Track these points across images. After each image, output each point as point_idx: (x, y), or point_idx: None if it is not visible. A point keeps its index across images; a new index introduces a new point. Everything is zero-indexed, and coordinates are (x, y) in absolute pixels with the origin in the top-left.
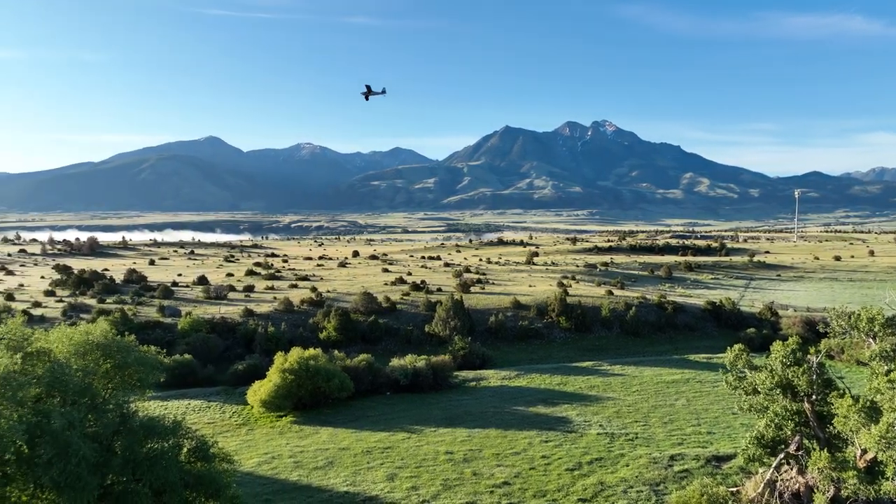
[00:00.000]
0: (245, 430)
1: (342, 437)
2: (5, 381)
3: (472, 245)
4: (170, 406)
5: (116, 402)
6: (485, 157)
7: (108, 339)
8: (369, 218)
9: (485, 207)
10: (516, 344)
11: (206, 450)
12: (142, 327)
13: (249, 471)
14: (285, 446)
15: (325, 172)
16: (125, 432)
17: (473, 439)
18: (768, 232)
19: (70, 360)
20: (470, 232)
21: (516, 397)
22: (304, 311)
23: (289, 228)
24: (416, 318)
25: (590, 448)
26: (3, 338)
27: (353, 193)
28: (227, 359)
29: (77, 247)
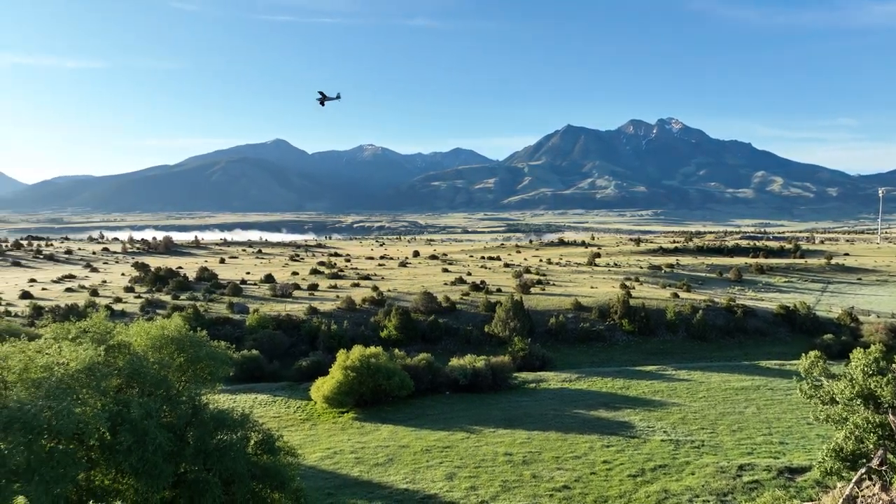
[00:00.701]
0: (308, 426)
1: (402, 435)
2: (91, 371)
3: (533, 245)
4: (238, 399)
5: (189, 395)
6: (546, 156)
7: (182, 334)
8: (429, 218)
9: (545, 208)
10: (577, 346)
11: (271, 443)
12: (212, 323)
13: (312, 465)
14: (347, 442)
15: (386, 173)
16: (197, 423)
17: (533, 441)
18: (848, 233)
19: (147, 353)
20: (530, 232)
21: (577, 400)
22: (366, 309)
23: (351, 228)
24: (476, 318)
25: (653, 454)
26: (89, 331)
27: (414, 194)
28: (291, 355)
29: (154, 245)
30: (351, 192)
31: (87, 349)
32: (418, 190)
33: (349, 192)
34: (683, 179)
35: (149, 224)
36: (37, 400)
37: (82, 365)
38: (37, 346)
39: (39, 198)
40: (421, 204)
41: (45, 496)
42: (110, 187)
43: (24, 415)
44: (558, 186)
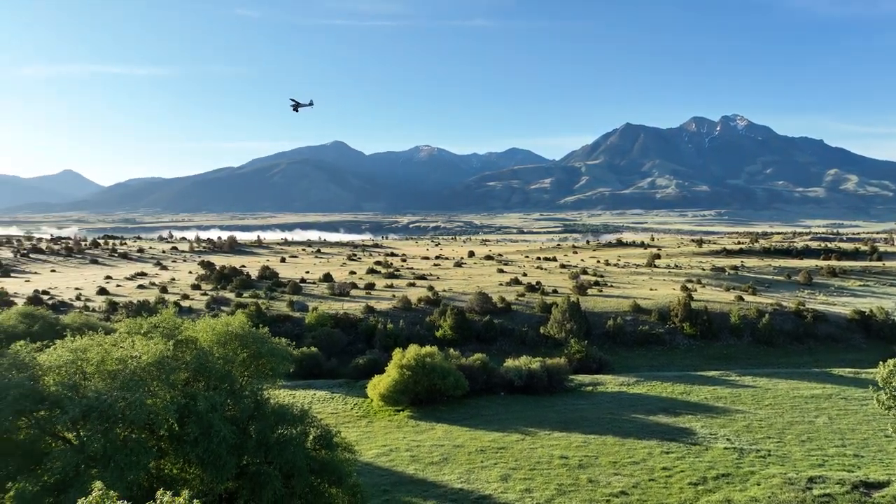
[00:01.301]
0: (365, 422)
1: (457, 435)
2: (161, 364)
3: (590, 246)
4: (297, 395)
5: (251, 389)
6: (603, 155)
7: (245, 330)
8: (485, 218)
9: (603, 208)
10: (635, 349)
11: (329, 438)
12: (273, 320)
13: (368, 461)
14: (402, 440)
15: (442, 173)
16: (259, 417)
17: (589, 445)
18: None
19: (213, 348)
20: (587, 233)
21: (635, 405)
22: (421, 309)
23: (407, 228)
24: (531, 319)
25: (716, 463)
26: (159, 326)
27: (469, 194)
28: (349, 353)
29: (219, 245)
30: (407, 193)
31: (158, 344)
32: (473, 190)
33: (405, 193)
34: (749, 178)
35: (214, 224)
36: (112, 390)
37: (153, 358)
38: (112, 340)
39: (114, 199)
40: (476, 204)
41: (119, 481)
42: (179, 189)
43: (101, 404)
44: (616, 186)
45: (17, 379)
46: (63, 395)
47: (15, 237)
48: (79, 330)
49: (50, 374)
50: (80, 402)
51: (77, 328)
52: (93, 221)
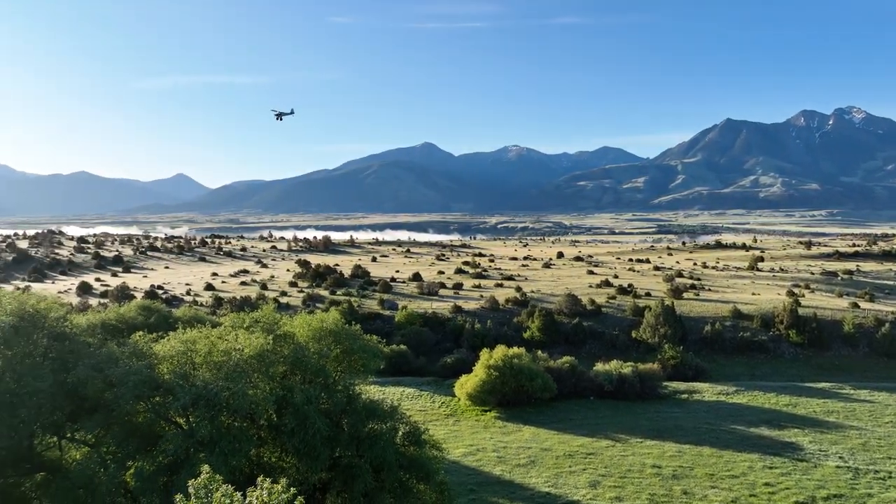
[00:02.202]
0: (452, 421)
1: (544, 438)
2: (261, 357)
3: (686, 248)
4: (387, 392)
5: (344, 384)
6: (701, 153)
7: (339, 327)
8: (575, 219)
9: (700, 208)
10: (735, 357)
11: (418, 435)
12: (365, 318)
13: (455, 460)
14: (489, 440)
15: (531, 174)
16: (351, 412)
17: (684, 455)
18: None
19: (308, 343)
20: (683, 234)
21: (734, 415)
22: (509, 309)
23: (495, 229)
24: (622, 322)
25: (826, 482)
26: (260, 321)
27: (559, 194)
28: (437, 351)
29: (314, 244)
30: (495, 193)
31: (259, 338)
32: (563, 190)
33: (493, 193)
34: (867, 175)
35: (310, 224)
36: (217, 380)
37: (254, 352)
38: (218, 333)
39: (220, 200)
40: (566, 204)
41: (223, 466)
42: (278, 190)
43: (208, 393)
44: (715, 185)
45: (137, 366)
46: (175, 383)
47: (135, 236)
48: (189, 323)
49: (164, 363)
50: (190, 390)
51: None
52: (201, 221)
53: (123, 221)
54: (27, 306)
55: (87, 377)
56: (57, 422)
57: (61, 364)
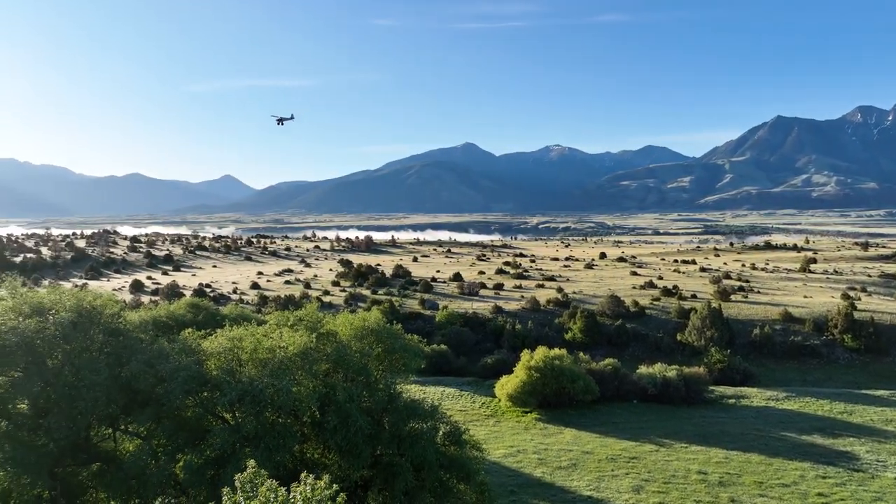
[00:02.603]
0: (492, 422)
1: (586, 441)
2: (305, 355)
3: (734, 249)
4: (427, 391)
5: (385, 383)
6: (750, 151)
7: (380, 326)
8: (617, 219)
9: (749, 207)
10: (785, 362)
11: (458, 435)
12: (406, 317)
13: (496, 461)
14: (530, 442)
15: (573, 173)
16: (392, 410)
17: (731, 462)
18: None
19: (350, 342)
20: (730, 234)
21: (785, 422)
22: (550, 310)
23: (536, 229)
24: (667, 324)
25: (884, 493)
26: (304, 319)
27: (601, 194)
28: (477, 352)
29: (356, 244)
30: (536, 193)
31: (302, 336)
32: (606, 190)
33: (535, 193)
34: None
35: (352, 224)
36: (263, 377)
37: (298, 349)
38: (263, 331)
39: (266, 201)
40: (608, 204)
41: (268, 461)
42: (321, 191)
43: (253, 389)
44: (765, 184)
45: (186, 362)
46: (222, 379)
47: (184, 236)
48: (235, 321)
49: (212, 359)
50: (237, 387)
51: (234, 319)
52: (247, 222)
53: (173, 221)
54: (85, 303)
55: (139, 372)
56: (112, 414)
57: (116, 359)
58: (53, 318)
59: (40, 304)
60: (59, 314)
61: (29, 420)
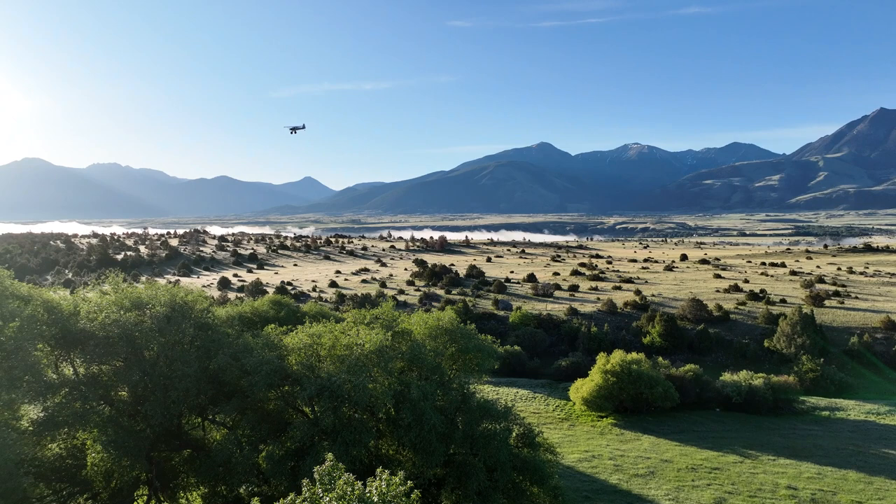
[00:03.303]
0: (567, 426)
1: (665, 448)
2: (380, 353)
3: (828, 251)
4: (500, 392)
5: (459, 382)
6: (848, 147)
7: (454, 326)
8: (700, 219)
9: (846, 207)
10: (888, 373)
11: (532, 437)
12: (479, 317)
13: (570, 465)
14: (605, 447)
15: (652, 172)
16: (465, 410)
17: (825, 478)
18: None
19: (425, 341)
20: (824, 236)
21: (887, 438)
22: (628, 313)
23: (613, 230)
24: (753, 330)
25: None
26: (380, 318)
27: (683, 193)
28: (551, 354)
29: (430, 244)
30: (613, 193)
31: (378, 334)
32: (687, 189)
33: (612, 193)
34: None
35: (427, 224)
36: (340, 373)
37: (374, 347)
38: (341, 328)
39: (344, 202)
40: (690, 204)
41: (345, 455)
42: (397, 192)
43: (331, 385)
44: (864, 182)
45: (269, 357)
46: (302, 374)
47: (267, 236)
48: (315, 318)
49: (293, 354)
50: (316, 382)
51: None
52: (326, 222)
53: (257, 222)
54: (177, 299)
55: (226, 365)
56: (201, 404)
57: (205, 352)
58: (150, 312)
59: (139, 299)
60: (155, 309)
61: (129, 407)
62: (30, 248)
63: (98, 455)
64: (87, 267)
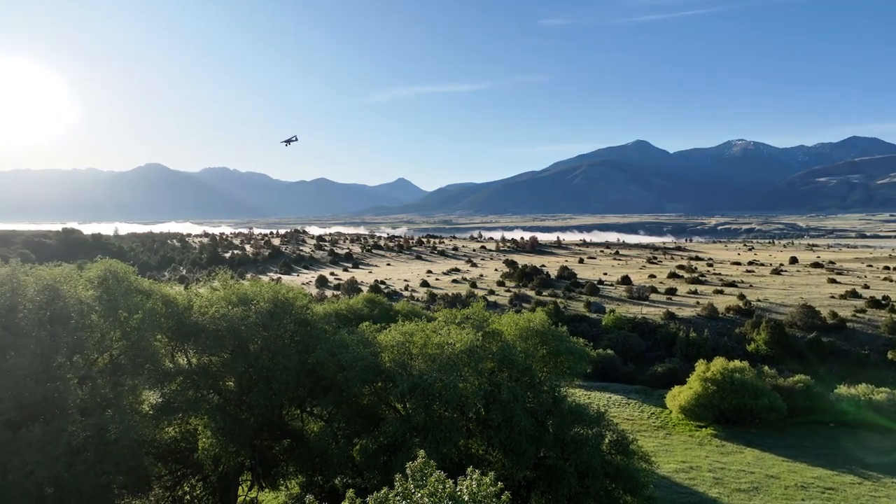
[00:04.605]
0: (662, 434)
1: (770, 463)
2: (471, 353)
3: None
4: (592, 396)
5: (550, 385)
6: None
7: (545, 327)
8: (812, 220)
9: None
10: None
11: (626, 445)
12: (571, 320)
13: (666, 475)
14: (704, 459)
15: (758, 170)
16: (556, 413)
17: None
18: None
19: (515, 342)
20: None
21: None
22: (730, 318)
23: (714, 231)
24: (875, 340)
25: None
26: (470, 318)
27: (792, 192)
28: (646, 359)
29: (521, 245)
30: (715, 192)
31: (469, 334)
32: (798, 187)
33: (713, 192)
34: None
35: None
36: (431, 372)
37: (465, 347)
38: (432, 327)
39: (435, 202)
40: (801, 204)
41: (435, 453)
42: (487, 193)
43: (422, 383)
44: None
45: (363, 353)
46: (395, 371)
47: (362, 236)
48: (407, 316)
49: (386, 352)
50: (408, 379)
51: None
52: (418, 222)
53: (353, 222)
54: (279, 295)
55: (323, 360)
56: (300, 396)
57: (304, 347)
58: (255, 308)
59: (245, 295)
60: (259, 305)
61: (235, 396)
62: (150, 246)
63: (208, 440)
64: (199, 264)
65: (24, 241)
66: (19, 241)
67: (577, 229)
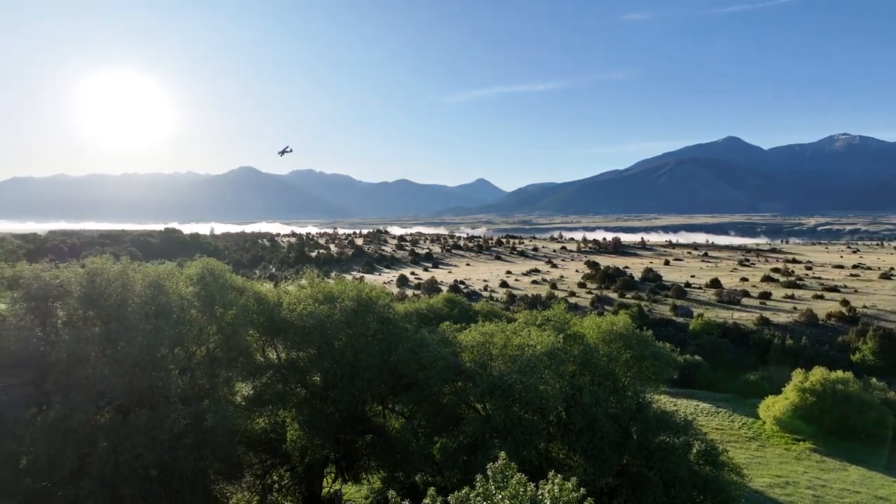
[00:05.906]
0: (755, 446)
1: (879, 484)
2: (552, 355)
3: None
4: (679, 404)
5: (634, 391)
6: None
7: (629, 331)
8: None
9: None
10: None
11: (715, 455)
12: (656, 323)
13: (759, 490)
14: (802, 474)
15: (864, 166)
16: (641, 420)
17: None
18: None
19: (597, 345)
20: None
21: None
22: (831, 326)
23: (814, 232)
24: None
25: None
26: (551, 320)
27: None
28: (736, 366)
29: (603, 245)
30: (814, 190)
31: (550, 336)
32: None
33: (812, 191)
34: None
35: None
36: (511, 373)
37: (545, 349)
38: (512, 329)
39: (515, 203)
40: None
41: (514, 455)
42: (568, 192)
43: (502, 384)
44: None
45: (444, 352)
46: (475, 371)
47: (442, 236)
48: (486, 317)
49: (466, 352)
50: (488, 380)
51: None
52: (497, 223)
53: (433, 222)
54: (363, 294)
55: (404, 358)
56: (382, 393)
57: (386, 344)
58: (339, 306)
59: (330, 293)
60: (344, 303)
61: (321, 391)
62: (242, 245)
63: (295, 432)
64: (287, 263)
65: (131, 240)
66: (128, 240)
67: (662, 230)
